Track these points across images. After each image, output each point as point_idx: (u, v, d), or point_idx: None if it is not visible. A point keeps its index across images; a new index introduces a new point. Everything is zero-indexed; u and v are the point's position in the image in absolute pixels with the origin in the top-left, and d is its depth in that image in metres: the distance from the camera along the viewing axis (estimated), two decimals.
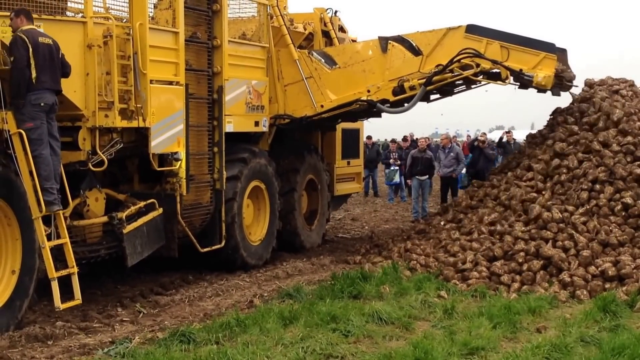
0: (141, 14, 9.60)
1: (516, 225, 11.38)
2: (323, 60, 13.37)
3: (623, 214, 11.00)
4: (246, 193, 11.99)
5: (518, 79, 12.63)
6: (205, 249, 11.22)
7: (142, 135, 9.77)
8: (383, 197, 24.55)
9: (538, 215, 11.17)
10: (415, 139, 25.41)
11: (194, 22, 11.10)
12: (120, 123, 9.22)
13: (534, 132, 14.77)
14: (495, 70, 12.73)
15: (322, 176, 14.37)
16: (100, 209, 9.51)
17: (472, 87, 13.62)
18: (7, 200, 8.11)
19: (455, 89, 13.69)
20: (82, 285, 8.45)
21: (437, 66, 12.75)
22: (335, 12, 14.92)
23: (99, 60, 8.95)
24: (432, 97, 13.85)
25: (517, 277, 10.46)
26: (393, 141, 26.60)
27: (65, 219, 8.54)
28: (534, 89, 12.76)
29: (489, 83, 13.14)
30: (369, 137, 24.27)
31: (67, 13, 9.53)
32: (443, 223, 12.85)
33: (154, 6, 10.51)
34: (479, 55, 12.54)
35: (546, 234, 10.94)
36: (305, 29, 14.39)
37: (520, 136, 28.37)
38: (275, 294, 10.04)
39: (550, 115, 13.71)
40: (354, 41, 15.10)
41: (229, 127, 11.59)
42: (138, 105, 9.36)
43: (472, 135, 37.79)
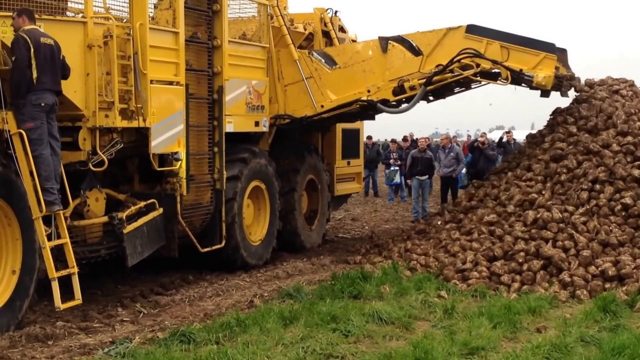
0: (141, 14, 9.60)
1: (516, 225, 11.38)
2: (323, 61, 13.37)
3: (623, 214, 11.00)
4: (246, 193, 11.99)
5: (524, 83, 12.63)
6: (206, 249, 11.22)
7: (142, 135, 9.77)
8: (383, 197, 24.55)
9: (534, 220, 11.16)
10: (415, 139, 25.39)
11: (194, 22, 11.11)
12: (121, 123, 9.22)
13: (534, 132, 14.77)
14: (495, 70, 12.74)
15: (323, 176, 14.37)
16: (100, 209, 9.52)
17: (472, 87, 13.63)
18: (7, 200, 8.11)
19: (455, 89, 13.69)
20: (82, 285, 8.46)
21: (437, 66, 12.75)
22: (336, 12, 14.95)
23: (99, 60, 8.95)
24: (431, 98, 13.85)
25: (517, 277, 10.46)
26: (393, 141, 26.59)
27: (66, 219, 8.55)
28: (536, 89, 12.77)
29: (489, 83, 13.15)
30: (369, 137, 24.26)
31: (68, 13, 9.53)
32: (440, 222, 12.86)
33: (154, 6, 10.52)
34: (479, 56, 12.54)
35: (546, 234, 10.94)
36: (305, 29, 14.40)
37: (520, 136, 28.39)
38: (275, 294, 10.04)
39: (550, 116, 13.71)
40: (354, 41, 15.11)
41: (229, 127, 11.59)
42: (138, 106, 9.36)
43: (472, 135, 37.79)
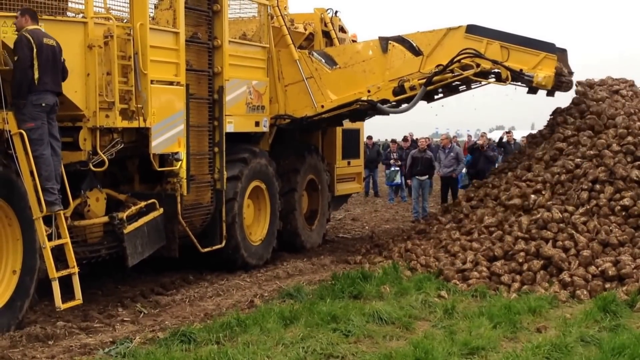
0: (142, 15, 9.61)
1: (515, 225, 11.38)
2: (323, 61, 13.38)
3: (623, 214, 11.00)
4: (247, 193, 12.00)
5: (524, 82, 12.63)
6: (206, 249, 11.22)
7: (142, 136, 9.78)
8: (383, 197, 24.55)
9: (527, 229, 11.17)
10: (415, 139, 25.39)
11: (194, 23, 11.12)
12: (121, 123, 9.22)
13: (534, 132, 14.77)
14: (495, 70, 12.74)
15: (323, 176, 14.37)
16: (100, 209, 9.52)
17: (473, 87, 13.64)
18: (8, 200, 8.11)
19: (460, 87, 13.69)
20: (82, 285, 8.46)
21: (438, 66, 12.76)
22: (336, 12, 14.96)
23: (99, 60, 8.96)
24: (436, 96, 13.83)
25: (518, 277, 10.47)
26: (393, 141, 26.59)
27: (66, 219, 8.55)
28: (533, 92, 12.78)
29: (489, 83, 13.16)
30: (370, 137, 24.27)
31: (68, 13, 9.55)
32: (444, 222, 12.85)
33: (155, 6, 10.53)
34: (479, 56, 12.55)
35: (546, 234, 10.94)
36: (305, 29, 14.41)
37: (520, 136, 28.43)
38: (275, 294, 10.04)
39: (550, 116, 13.72)
40: (354, 41, 15.11)
41: (229, 127, 11.60)
42: (139, 106, 9.36)
43: (472, 135, 37.81)
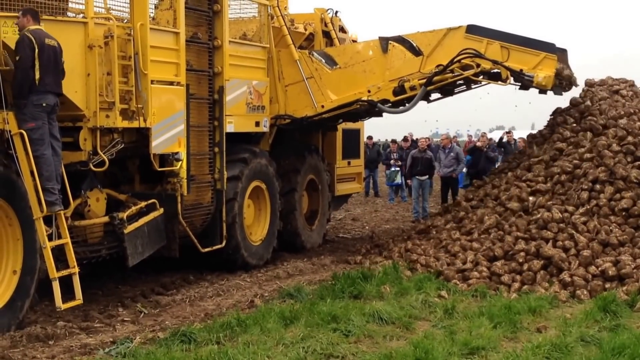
0: (142, 15, 9.61)
1: (515, 226, 11.37)
2: (324, 61, 13.38)
3: (623, 213, 11.00)
4: (247, 193, 12.00)
5: (518, 79, 12.64)
6: (206, 249, 11.23)
7: (143, 136, 9.78)
8: (383, 197, 24.55)
9: (526, 229, 11.17)
10: (415, 139, 25.39)
11: (194, 23, 11.12)
12: (121, 123, 9.23)
13: (534, 132, 14.77)
14: (495, 70, 12.75)
15: (323, 176, 14.38)
16: (101, 209, 9.53)
17: (473, 87, 13.64)
18: (8, 200, 8.11)
19: (456, 89, 13.70)
20: (83, 285, 8.47)
21: (438, 66, 12.76)
22: (336, 12, 14.96)
23: (100, 60, 8.96)
24: (432, 97, 13.85)
25: (518, 277, 10.47)
26: (394, 141, 26.60)
27: (67, 219, 8.56)
28: (534, 89, 12.78)
29: (489, 83, 13.16)
30: (370, 138, 24.27)
31: (68, 13, 9.55)
32: (444, 222, 12.86)
33: (155, 7, 10.52)
34: (480, 56, 12.55)
35: (546, 234, 10.94)
36: (305, 30, 14.42)
37: (520, 136, 28.39)
38: (276, 294, 10.04)
39: (550, 116, 13.72)
40: (354, 41, 15.11)
41: (229, 128, 11.60)
42: (139, 106, 9.37)
43: (472, 135, 37.84)
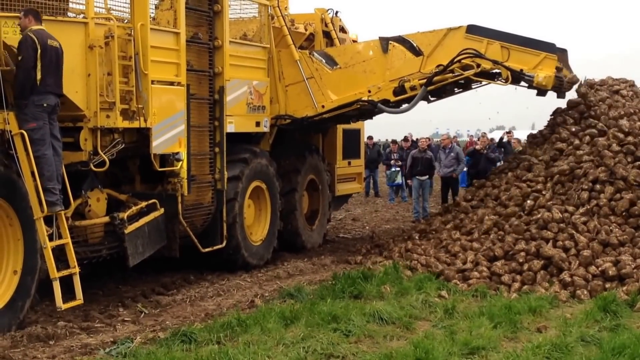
0: (142, 15, 9.62)
1: (513, 227, 11.38)
2: (324, 61, 13.38)
3: (623, 213, 11.01)
4: (247, 193, 12.01)
5: (518, 78, 12.64)
6: (207, 249, 11.24)
7: (143, 136, 9.79)
8: (384, 198, 24.55)
9: (524, 229, 11.18)
10: (415, 140, 25.39)
11: (195, 23, 11.13)
12: (122, 123, 9.23)
13: (534, 132, 14.77)
14: (495, 70, 12.75)
15: (323, 176, 14.38)
16: (101, 209, 9.53)
17: (473, 87, 13.64)
18: (9, 200, 8.11)
19: (455, 89, 13.70)
20: (83, 286, 8.48)
21: (438, 66, 12.76)
22: (336, 12, 14.97)
23: (100, 60, 8.96)
24: (431, 98, 13.85)
25: (518, 277, 10.47)
26: (394, 142, 26.60)
27: (67, 219, 8.57)
28: (534, 89, 12.78)
29: (489, 83, 13.16)
30: (370, 138, 24.27)
31: (69, 14, 9.56)
32: (444, 222, 12.86)
33: (155, 7, 10.53)
34: (480, 56, 12.55)
35: (547, 234, 10.94)
36: (306, 30, 14.42)
37: (520, 136, 28.43)
38: (276, 294, 10.05)
39: (550, 116, 13.72)
40: (354, 42, 15.12)
41: (230, 128, 11.61)
42: (139, 106, 9.38)
43: (473, 135, 37.84)
